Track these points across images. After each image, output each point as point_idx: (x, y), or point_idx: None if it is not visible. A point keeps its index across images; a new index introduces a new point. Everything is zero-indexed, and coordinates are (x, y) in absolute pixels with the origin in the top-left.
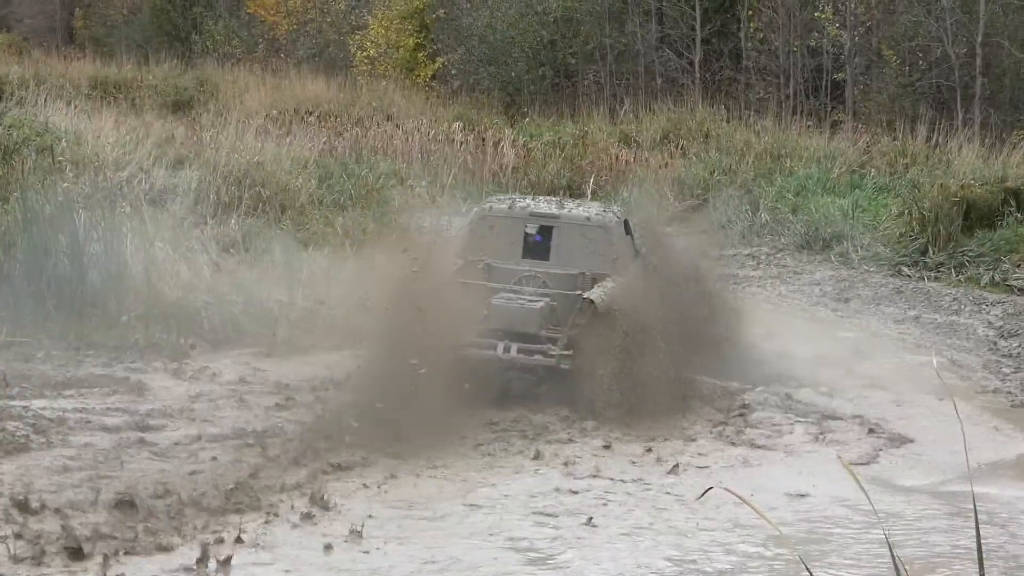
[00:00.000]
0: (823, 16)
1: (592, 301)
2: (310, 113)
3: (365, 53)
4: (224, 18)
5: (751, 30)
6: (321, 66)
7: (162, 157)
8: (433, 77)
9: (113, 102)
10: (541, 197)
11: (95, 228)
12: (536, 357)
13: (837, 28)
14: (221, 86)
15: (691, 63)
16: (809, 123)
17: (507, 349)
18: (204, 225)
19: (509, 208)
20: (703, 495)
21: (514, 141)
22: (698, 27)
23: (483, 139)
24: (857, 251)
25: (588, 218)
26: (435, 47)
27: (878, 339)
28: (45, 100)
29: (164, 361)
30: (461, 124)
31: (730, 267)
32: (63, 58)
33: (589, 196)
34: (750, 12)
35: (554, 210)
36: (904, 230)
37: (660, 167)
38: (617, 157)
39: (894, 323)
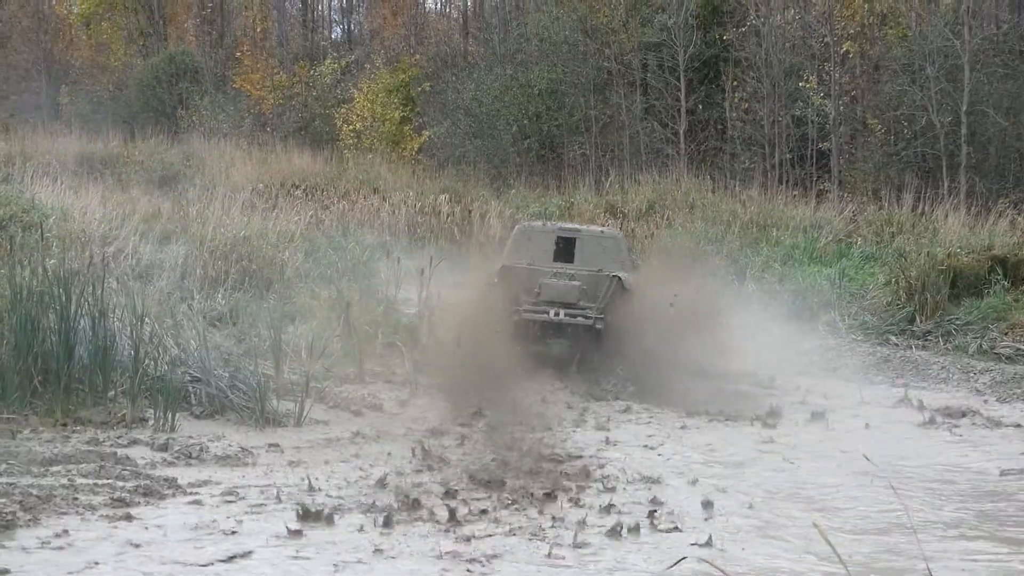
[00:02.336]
0: (808, 86)
1: (620, 277)
2: (296, 187)
3: (351, 127)
4: (210, 93)
5: (736, 100)
6: (307, 140)
7: (149, 232)
8: (419, 150)
9: (99, 178)
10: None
11: (83, 304)
12: (578, 318)
13: (822, 98)
14: (207, 161)
15: (676, 133)
16: (795, 192)
17: (556, 313)
18: (191, 300)
19: (543, 225)
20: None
21: (500, 213)
22: (683, 97)
23: (469, 211)
24: (844, 320)
25: (602, 231)
26: (421, 120)
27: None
28: (32, 176)
29: (151, 436)
30: (447, 196)
31: (714, 336)
32: (49, 134)
33: None
34: (735, 82)
35: (577, 226)
36: (891, 299)
37: (646, 237)
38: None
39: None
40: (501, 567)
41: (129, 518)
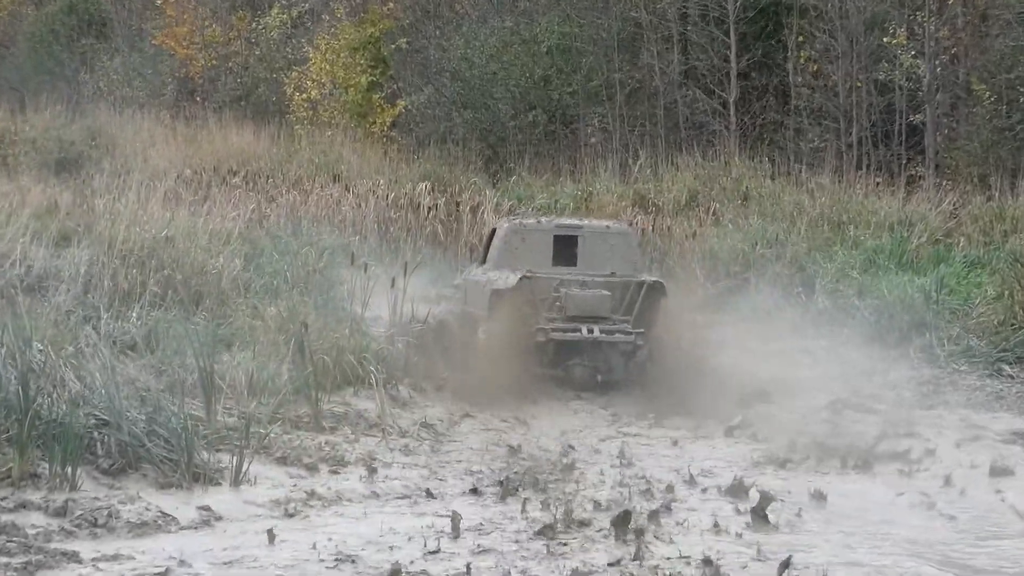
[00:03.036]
0: (895, 42)
1: (659, 283)
2: (234, 173)
3: (305, 95)
4: (122, 52)
5: (802, 60)
6: (248, 112)
7: (42, 232)
8: (392, 125)
9: None
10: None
11: None
12: (617, 335)
13: (913, 57)
14: (119, 139)
15: (724, 103)
16: (878, 179)
17: (590, 330)
18: (97, 320)
19: (537, 222)
20: None
21: (498, 206)
22: (733, 57)
23: (457, 204)
24: (943, 345)
25: (608, 227)
26: (395, 86)
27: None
28: None
29: (45, 497)
30: (429, 185)
31: (778, 367)
32: None
33: None
34: (800, 38)
35: (578, 220)
36: (1004, 317)
37: (686, 238)
38: (631, 225)
39: (995, 439)
40: None
41: None
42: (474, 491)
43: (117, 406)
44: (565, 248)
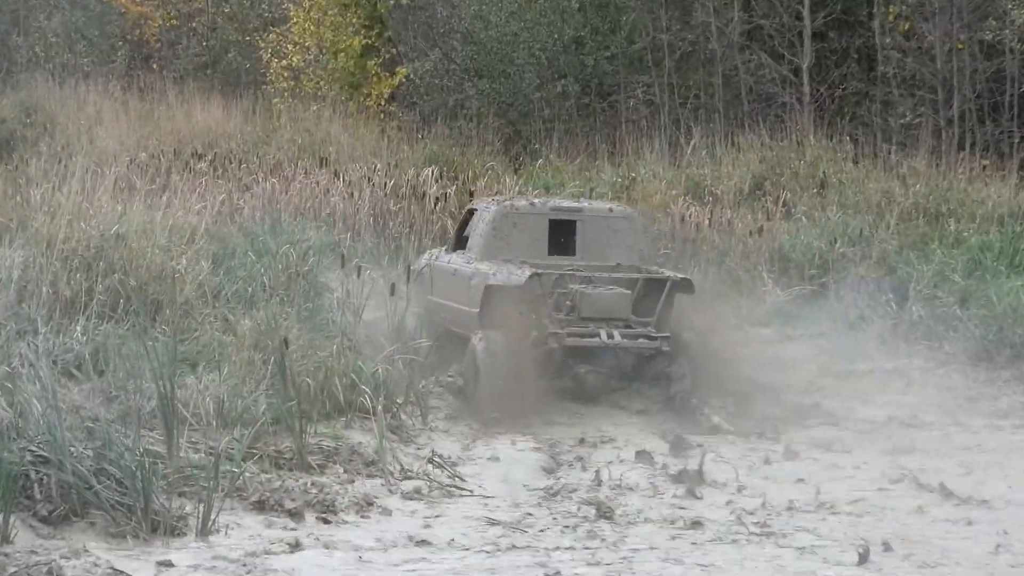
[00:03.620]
0: None
1: (686, 280)
2: (200, 157)
3: (285, 62)
4: (63, 10)
5: (890, 18)
6: (216, 83)
7: None
8: (391, 98)
9: None
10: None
11: None
12: (640, 340)
13: None
14: (59, 116)
15: (796, 70)
16: (985, 162)
17: (610, 335)
18: (33, 335)
19: (531, 204)
20: None
21: (519, 194)
22: (807, 14)
23: (470, 194)
24: None
25: (611, 209)
26: (394, 51)
27: None
28: None
29: None
30: (436, 170)
31: (865, 389)
32: None
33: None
34: None
35: (576, 203)
36: None
37: (750, 234)
38: (683, 218)
39: None
40: None
41: None
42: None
43: (59, 439)
44: (562, 234)
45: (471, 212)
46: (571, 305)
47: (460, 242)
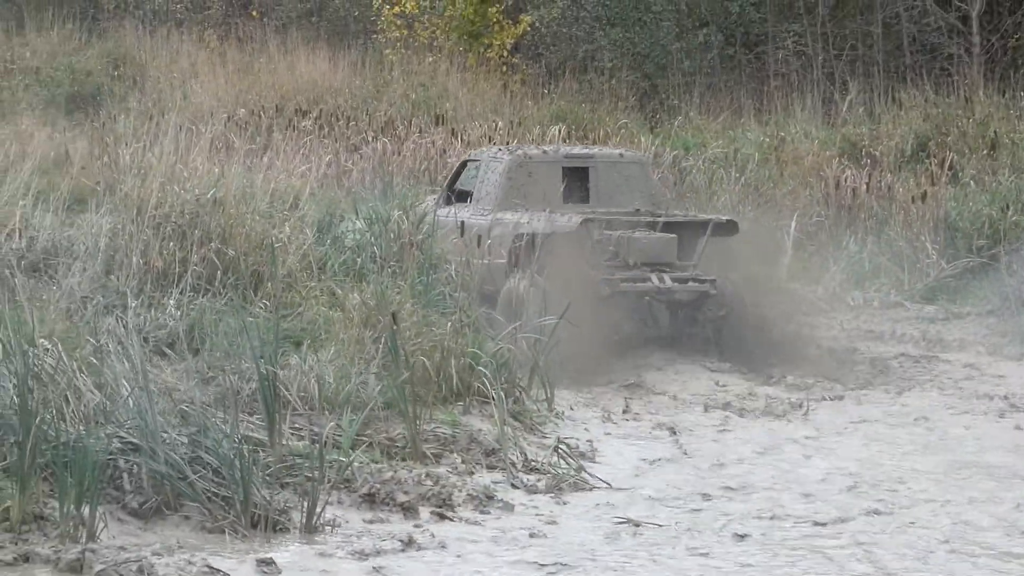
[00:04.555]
0: None
1: (734, 222)
2: (304, 114)
3: (397, 8)
4: None
5: None
6: (322, 32)
7: (49, 192)
8: (515, 49)
9: None
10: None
11: None
12: (690, 284)
13: None
14: (150, 68)
15: (965, 18)
16: None
17: (661, 280)
18: (122, 310)
19: (543, 152)
20: None
21: (657, 156)
22: None
23: None
24: None
25: (621, 155)
26: None
27: None
28: None
29: (55, 548)
30: (564, 129)
31: None
32: None
33: (790, 248)
34: None
35: (587, 149)
36: None
37: (913, 200)
38: (838, 183)
39: None
40: None
41: None
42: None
43: (150, 425)
44: (576, 182)
45: (464, 163)
46: (614, 251)
47: (451, 194)
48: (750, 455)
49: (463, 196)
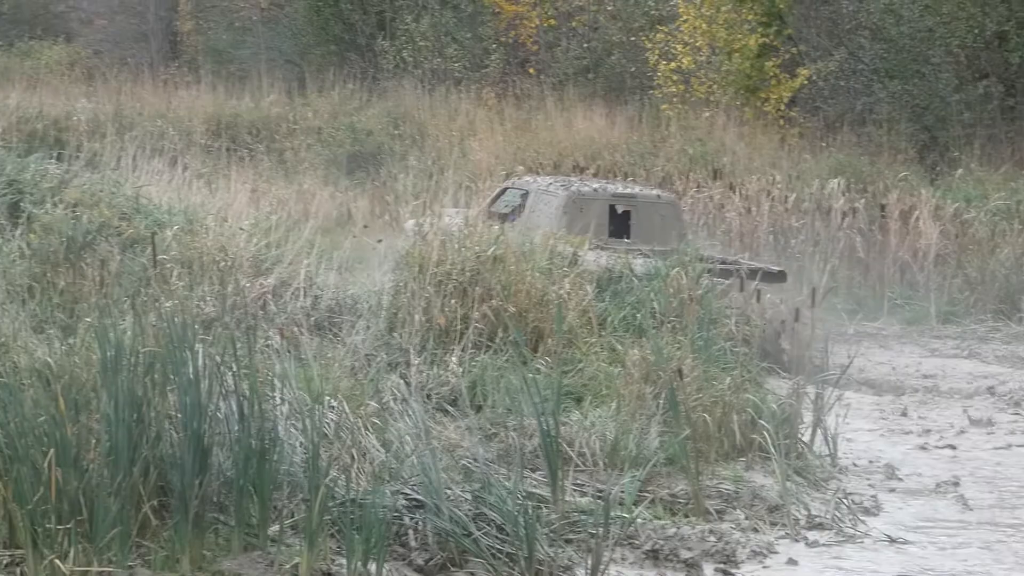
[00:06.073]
0: None
1: (784, 272)
2: (581, 170)
3: (674, 64)
4: (432, 10)
5: None
6: (598, 89)
7: (332, 251)
8: (792, 102)
9: (248, 158)
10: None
11: (222, 377)
12: None
13: None
14: (428, 126)
15: None
16: None
17: None
18: (405, 367)
19: (595, 191)
20: None
21: (938, 209)
22: None
23: (882, 208)
24: None
25: (659, 196)
26: (795, 50)
27: None
28: (134, 158)
29: None
30: (843, 182)
31: None
32: (162, 84)
33: None
34: None
35: (629, 188)
36: None
37: None
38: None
39: None
40: None
41: None
42: None
43: (434, 482)
44: (619, 218)
45: (503, 190)
46: None
47: (491, 218)
48: None
49: (500, 219)
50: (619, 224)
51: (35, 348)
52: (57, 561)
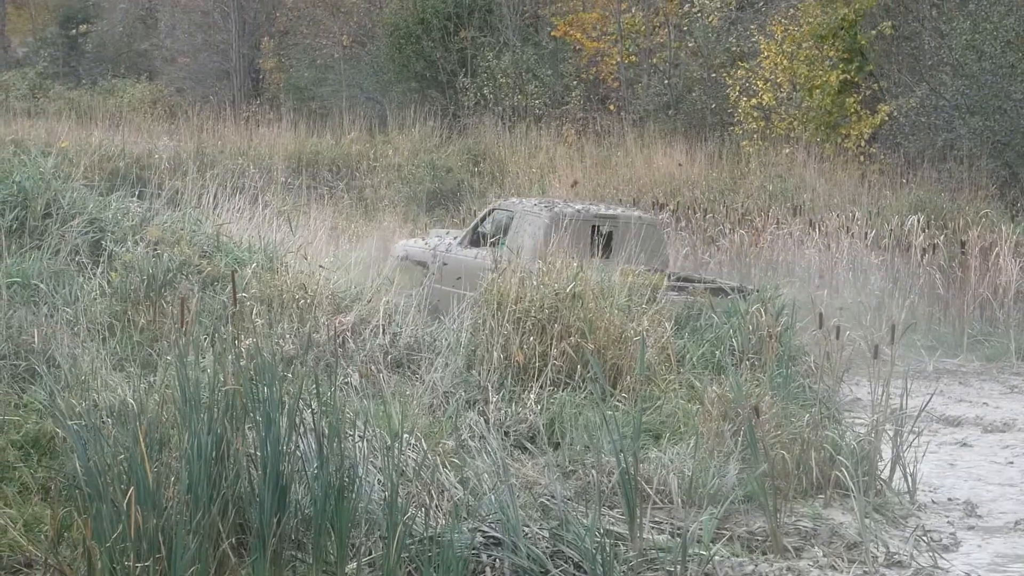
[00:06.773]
0: None
1: (746, 287)
2: (661, 206)
3: (754, 100)
4: (513, 47)
5: None
6: (678, 124)
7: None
8: (872, 138)
9: (329, 195)
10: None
11: (302, 415)
12: None
13: None
14: (509, 163)
15: None
16: None
17: None
18: (483, 404)
19: (578, 211)
20: None
21: (1018, 246)
22: None
23: (962, 244)
24: None
25: (640, 216)
26: (876, 86)
27: None
28: (216, 195)
29: None
30: (923, 219)
31: None
32: (244, 122)
33: None
34: None
35: (611, 209)
36: None
37: None
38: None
39: None
40: None
41: None
42: None
43: (512, 519)
44: (600, 238)
45: (490, 210)
46: None
47: (474, 238)
48: None
49: (485, 239)
50: (601, 244)
51: (115, 386)
52: None
